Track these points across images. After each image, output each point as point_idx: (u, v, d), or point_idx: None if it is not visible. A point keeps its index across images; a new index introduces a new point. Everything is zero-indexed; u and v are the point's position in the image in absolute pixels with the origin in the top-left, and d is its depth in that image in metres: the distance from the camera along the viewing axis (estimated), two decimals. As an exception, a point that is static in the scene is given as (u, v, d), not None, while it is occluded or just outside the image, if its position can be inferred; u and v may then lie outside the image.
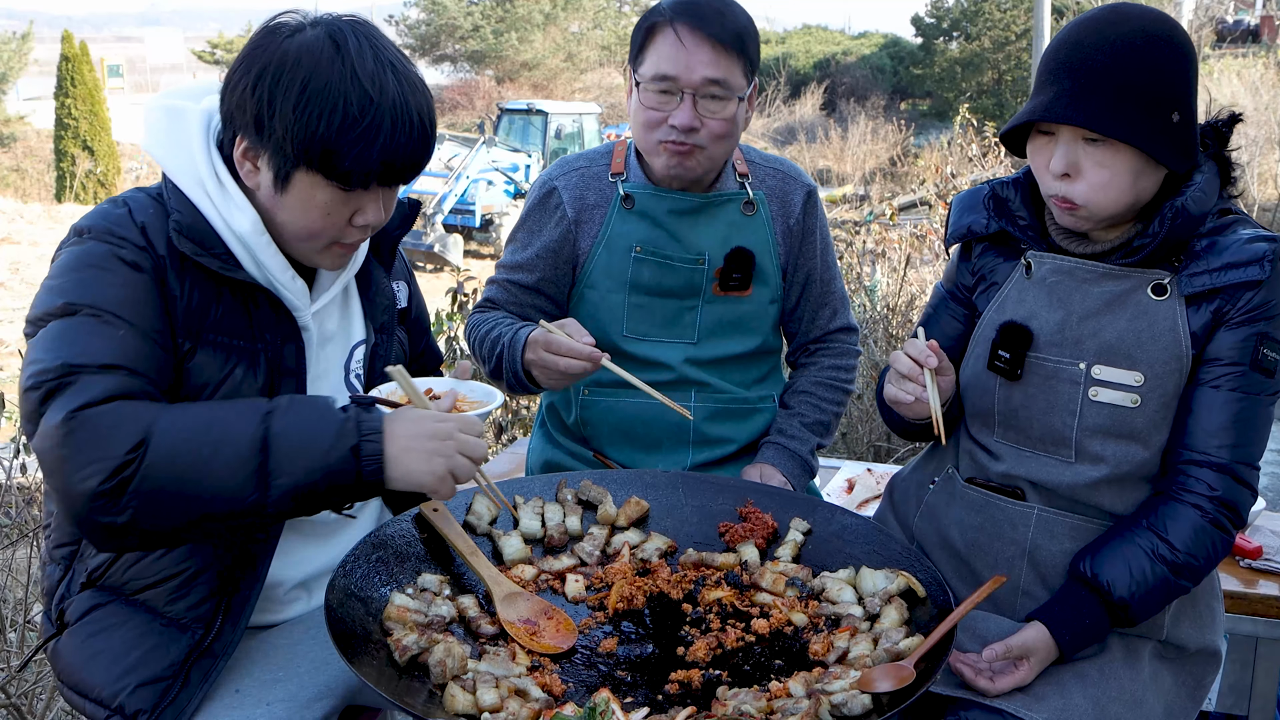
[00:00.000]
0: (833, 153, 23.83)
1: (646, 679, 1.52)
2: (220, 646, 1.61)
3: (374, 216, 1.62)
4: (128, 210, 1.59)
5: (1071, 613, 1.68)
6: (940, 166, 10.27)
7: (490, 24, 34.81)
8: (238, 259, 1.60)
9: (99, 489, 1.36)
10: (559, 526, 1.85)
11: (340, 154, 1.51)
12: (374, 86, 1.51)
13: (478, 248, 18.19)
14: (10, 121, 26.53)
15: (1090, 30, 1.62)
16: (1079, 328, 1.73)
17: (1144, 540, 1.66)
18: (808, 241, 2.32)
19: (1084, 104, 1.59)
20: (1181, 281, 1.67)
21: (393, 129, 1.52)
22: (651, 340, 2.25)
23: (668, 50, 2.06)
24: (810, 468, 2.30)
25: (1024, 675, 1.65)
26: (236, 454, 1.41)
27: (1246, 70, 17.57)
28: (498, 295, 2.32)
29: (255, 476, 1.41)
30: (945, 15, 33.78)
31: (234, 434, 1.42)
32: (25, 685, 2.80)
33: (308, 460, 1.43)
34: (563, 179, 2.27)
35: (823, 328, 2.39)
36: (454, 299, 4.91)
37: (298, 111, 1.49)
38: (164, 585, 1.62)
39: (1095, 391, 1.71)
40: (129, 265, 1.53)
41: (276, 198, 1.58)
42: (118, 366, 1.45)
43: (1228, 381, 1.66)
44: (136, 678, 1.57)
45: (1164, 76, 1.59)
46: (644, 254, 2.20)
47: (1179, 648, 1.79)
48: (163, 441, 1.39)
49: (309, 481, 1.43)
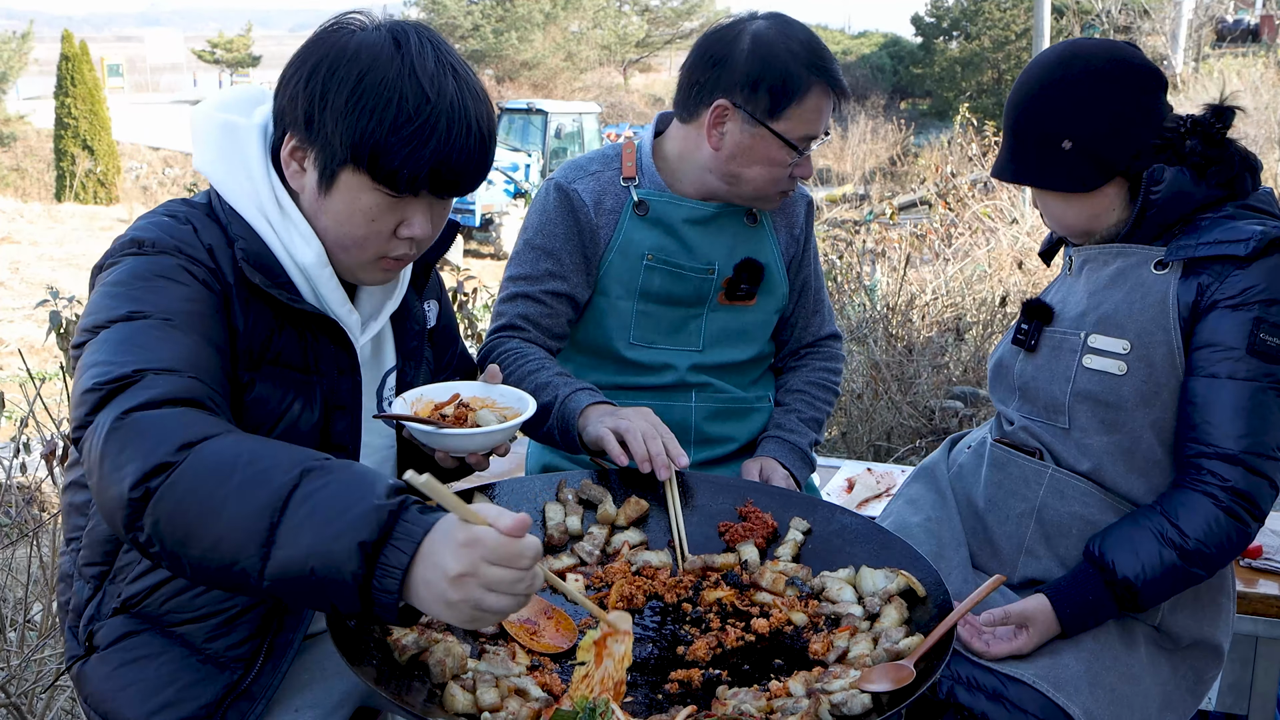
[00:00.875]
0: (833, 152, 23.83)
1: (646, 679, 1.52)
2: (259, 689, 1.55)
3: (421, 229, 1.53)
4: (193, 228, 1.50)
5: (1075, 589, 1.72)
6: (940, 166, 10.28)
7: (490, 23, 34.84)
8: (299, 289, 1.54)
9: (127, 495, 1.21)
10: (559, 526, 1.85)
11: (390, 153, 1.43)
12: (432, 87, 1.44)
13: (478, 247, 18.20)
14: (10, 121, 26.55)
15: (1014, 85, 1.86)
16: (1087, 301, 1.83)
17: (1153, 523, 1.69)
18: (806, 251, 2.36)
19: (1002, 159, 1.85)
20: (1170, 250, 1.74)
21: (448, 132, 1.44)
22: (657, 348, 2.25)
23: (819, 114, 2.07)
24: (810, 460, 2.31)
25: (1021, 644, 1.69)
26: (255, 501, 1.20)
27: (1246, 70, 17.57)
28: (531, 311, 2.18)
29: (263, 533, 1.19)
30: (945, 15, 33.80)
31: (265, 479, 1.21)
32: (25, 685, 2.80)
33: (314, 536, 1.17)
34: (580, 183, 2.20)
35: (814, 334, 2.43)
36: (454, 299, 4.92)
37: (350, 104, 1.43)
38: (206, 621, 1.55)
39: (1088, 359, 1.79)
40: (200, 282, 1.45)
41: (321, 200, 1.50)
42: (183, 371, 1.33)
43: (1226, 368, 1.67)
44: (173, 714, 1.51)
45: (1048, 112, 1.77)
46: (655, 262, 2.18)
47: (1173, 637, 1.80)
48: (205, 458, 1.22)
49: (304, 562, 1.17)
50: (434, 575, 1.15)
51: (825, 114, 2.09)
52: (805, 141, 2.08)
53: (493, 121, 1.53)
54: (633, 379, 2.25)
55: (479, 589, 1.15)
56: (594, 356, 2.28)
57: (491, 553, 1.16)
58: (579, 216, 2.18)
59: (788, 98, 2.03)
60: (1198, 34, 23.31)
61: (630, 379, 2.25)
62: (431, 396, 1.71)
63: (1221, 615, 1.85)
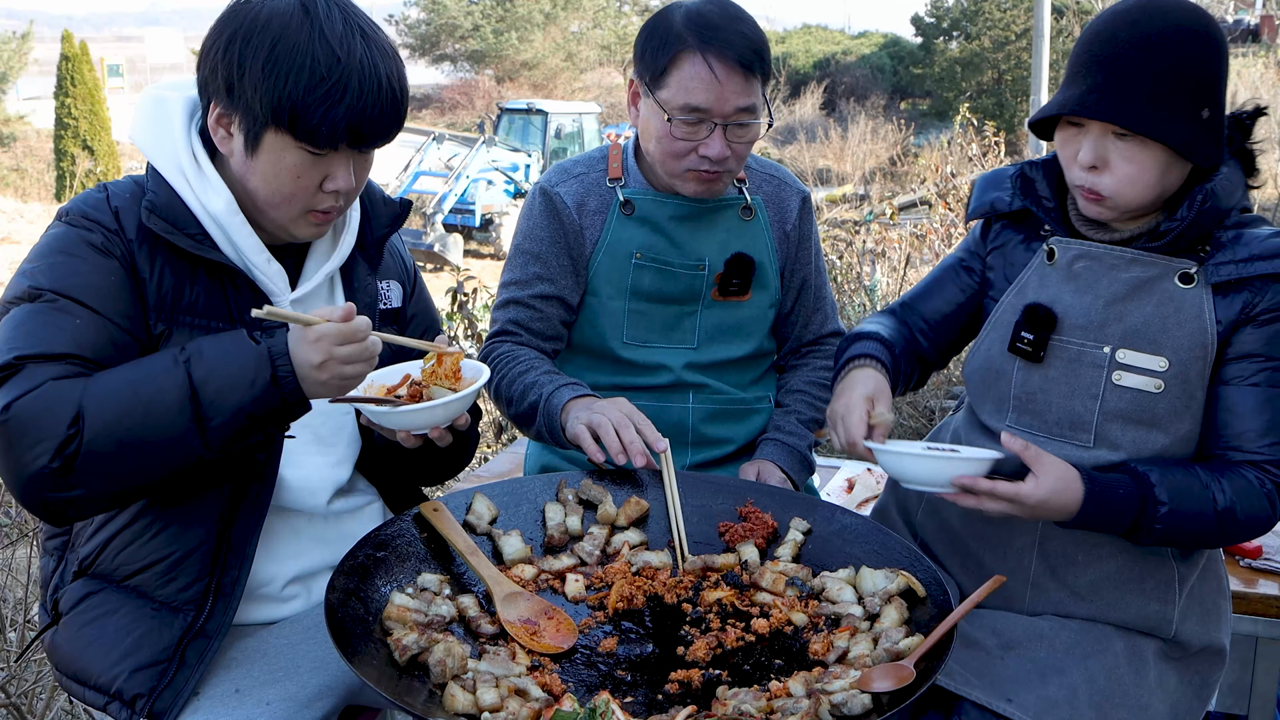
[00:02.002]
0: (833, 152, 23.83)
1: (646, 679, 1.51)
2: (214, 627, 1.63)
3: (344, 182, 1.62)
4: (106, 195, 1.63)
5: (1109, 480, 1.65)
6: (940, 166, 10.27)
7: (490, 24, 34.82)
8: (213, 240, 1.62)
9: (48, 468, 1.41)
10: (559, 526, 1.85)
11: (308, 113, 1.53)
12: (342, 48, 1.53)
13: (478, 247, 18.21)
14: (10, 121, 26.54)
15: (1124, 24, 1.62)
16: (1105, 312, 1.73)
17: (1203, 473, 1.66)
18: (803, 248, 2.33)
19: (1115, 100, 1.58)
20: (1209, 270, 1.68)
21: (360, 89, 1.54)
22: (652, 346, 2.24)
23: (698, 82, 1.99)
24: (809, 463, 2.30)
25: (1028, 490, 1.59)
26: (169, 408, 1.45)
27: (1246, 70, 17.57)
28: (521, 316, 2.22)
29: (192, 423, 1.45)
30: (945, 15, 33.78)
31: (162, 389, 1.46)
32: (25, 685, 2.80)
33: (236, 398, 1.46)
34: (563, 186, 2.22)
35: (815, 332, 2.41)
36: (454, 299, 4.92)
37: (266, 70, 1.52)
38: (153, 569, 1.64)
39: (1119, 376, 1.71)
40: (98, 250, 1.57)
41: (248, 162, 1.60)
42: (66, 355, 1.49)
43: (1264, 378, 1.67)
44: (133, 662, 1.59)
45: (1195, 72, 1.59)
46: (644, 260, 2.19)
47: (1184, 646, 1.79)
48: (97, 411, 1.43)
49: (241, 417, 1.47)
50: (305, 370, 1.48)
51: (711, 84, 1.98)
52: (686, 112, 2.01)
53: (403, 77, 1.62)
54: (629, 379, 2.25)
55: (338, 365, 1.49)
56: (591, 357, 2.28)
57: (336, 337, 1.48)
58: (562, 218, 2.20)
59: (664, 64, 2.02)
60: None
61: (627, 379, 2.25)
62: (383, 381, 1.73)
63: (1223, 617, 1.85)
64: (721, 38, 1.98)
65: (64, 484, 1.43)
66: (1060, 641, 1.74)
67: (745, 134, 2.05)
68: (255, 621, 1.77)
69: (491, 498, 1.85)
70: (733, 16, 2.03)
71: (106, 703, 1.59)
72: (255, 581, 1.73)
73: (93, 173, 19.98)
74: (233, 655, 1.69)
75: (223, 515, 1.64)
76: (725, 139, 2.03)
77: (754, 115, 2.04)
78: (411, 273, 1.99)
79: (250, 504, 1.66)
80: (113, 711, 1.60)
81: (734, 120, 2.02)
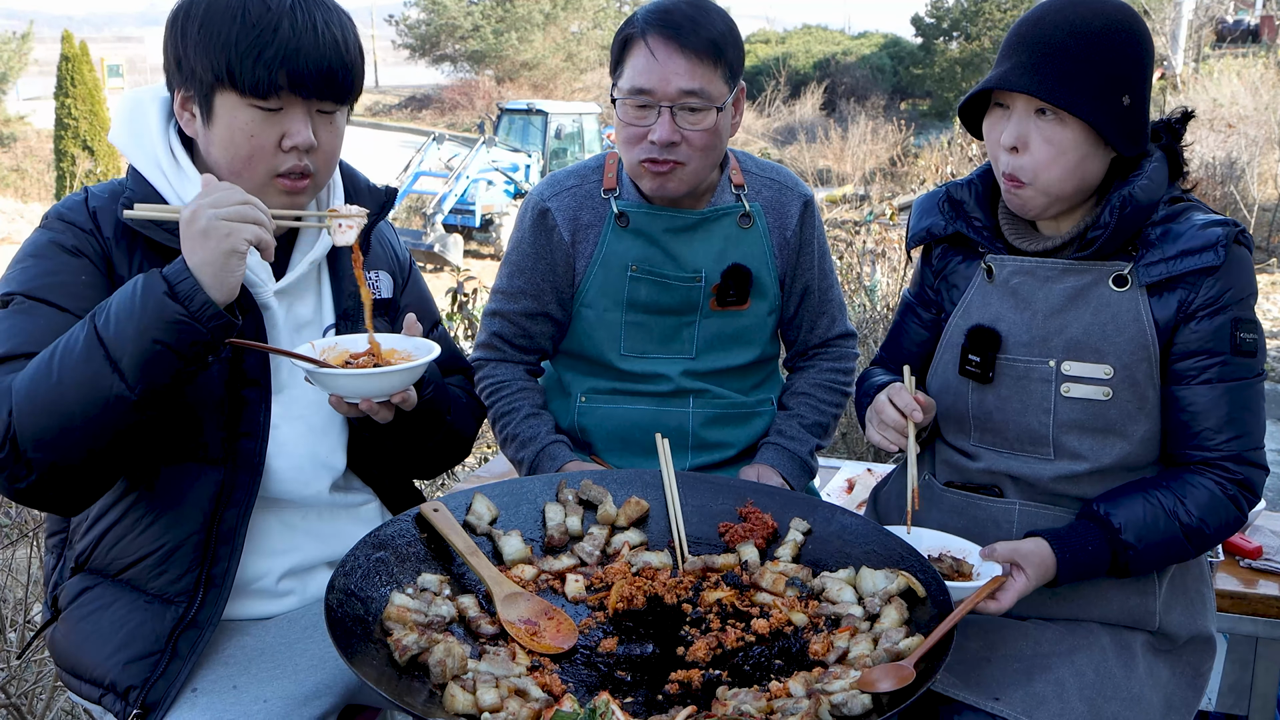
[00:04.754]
0: (833, 153, 23.80)
1: (646, 679, 1.51)
2: (205, 618, 1.64)
3: (302, 138, 1.62)
4: (85, 197, 1.68)
5: (1076, 538, 1.69)
6: (940, 166, 10.28)
7: (490, 24, 34.82)
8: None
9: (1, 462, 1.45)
10: (559, 526, 1.85)
11: (242, 62, 1.55)
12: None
13: (478, 247, 18.19)
14: (10, 121, 26.53)
15: (1052, 10, 1.68)
16: (1045, 326, 1.75)
17: (1163, 497, 1.69)
18: (805, 253, 2.30)
19: (1037, 74, 1.64)
20: (1139, 272, 1.70)
21: (291, 31, 1.56)
22: (649, 357, 2.24)
23: (642, 63, 2.01)
24: (809, 468, 2.30)
25: (1021, 586, 1.63)
26: (77, 358, 1.45)
27: (1246, 70, 17.55)
28: (504, 330, 2.27)
29: (105, 367, 1.44)
30: (945, 15, 33.78)
31: (70, 344, 1.47)
32: (25, 685, 2.80)
33: (134, 325, 1.43)
34: (555, 199, 2.21)
35: (821, 335, 2.39)
36: (454, 299, 4.92)
37: (203, 33, 1.57)
38: (144, 562, 1.66)
39: (1067, 388, 1.74)
40: (67, 250, 1.62)
41: (207, 134, 1.62)
42: (31, 355, 1.51)
43: (1214, 373, 1.68)
44: (126, 654, 1.61)
45: (1117, 58, 1.64)
46: (640, 273, 2.18)
47: (1171, 638, 1.79)
48: (19, 391, 1.46)
49: (147, 342, 1.43)
50: (189, 243, 1.45)
51: (652, 64, 2.00)
52: (633, 94, 2.02)
53: (345, 27, 1.64)
54: (629, 385, 2.25)
55: (210, 209, 1.45)
56: (590, 365, 2.28)
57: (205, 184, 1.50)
58: (551, 237, 2.20)
59: (619, 54, 2.08)
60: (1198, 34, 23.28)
61: (627, 385, 2.25)
62: (346, 346, 1.73)
63: (1207, 605, 1.87)
64: (669, 21, 2.01)
65: (21, 471, 1.46)
66: (1045, 639, 1.75)
67: (697, 120, 2.03)
68: (250, 616, 1.78)
69: (491, 498, 1.85)
70: (692, 5, 2.04)
71: (101, 695, 1.61)
72: (249, 576, 1.74)
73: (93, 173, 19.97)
74: (230, 652, 1.70)
75: (213, 506, 1.65)
76: (674, 124, 2.02)
77: (704, 100, 2.02)
78: (405, 265, 1.99)
79: (240, 493, 1.66)
80: (108, 704, 1.61)
81: (681, 104, 2.01)
